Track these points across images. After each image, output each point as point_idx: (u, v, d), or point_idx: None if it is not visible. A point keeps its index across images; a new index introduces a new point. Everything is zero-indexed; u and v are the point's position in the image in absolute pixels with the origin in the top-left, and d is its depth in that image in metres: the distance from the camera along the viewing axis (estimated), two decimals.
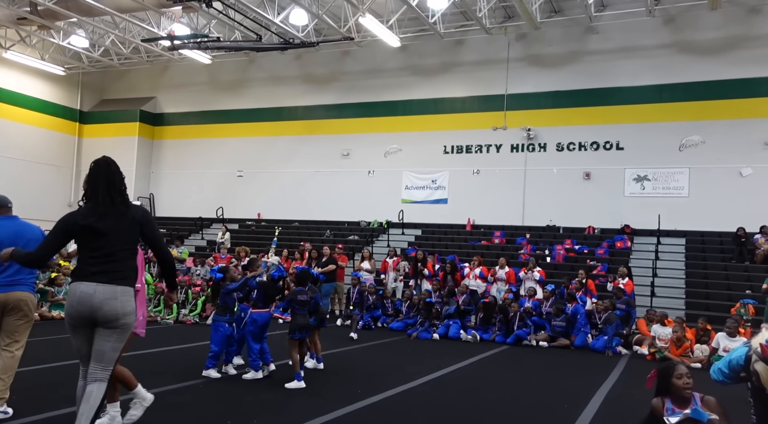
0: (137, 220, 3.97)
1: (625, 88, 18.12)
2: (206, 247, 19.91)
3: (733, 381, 3.53)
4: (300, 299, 6.80)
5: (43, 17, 17.96)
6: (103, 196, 3.80)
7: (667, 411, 3.65)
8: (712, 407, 3.46)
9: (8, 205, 4.96)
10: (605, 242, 16.86)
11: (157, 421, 4.93)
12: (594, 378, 7.89)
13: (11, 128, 22.44)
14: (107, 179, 3.84)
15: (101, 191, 3.80)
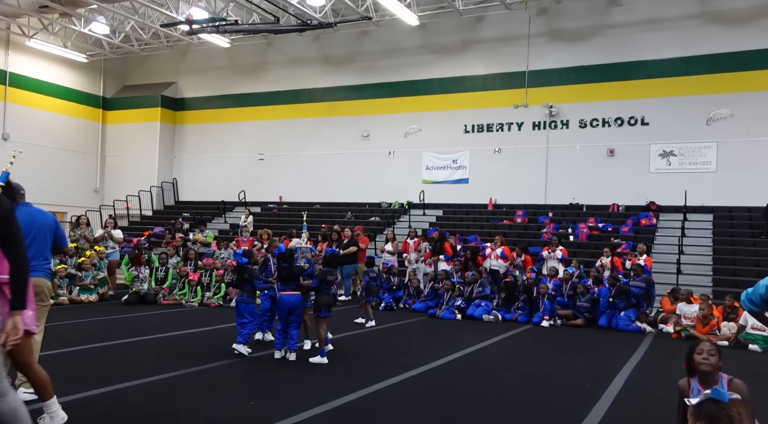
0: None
1: (650, 61, 17.66)
2: (229, 230, 20.13)
3: (760, 309, 3.47)
4: (329, 279, 7.18)
5: (64, 5, 18.13)
6: None
7: (693, 391, 3.58)
8: (739, 390, 3.38)
9: (21, 191, 5.04)
10: (630, 219, 16.60)
11: (183, 402, 5.04)
12: (618, 357, 7.82)
13: (37, 116, 22.84)
14: None
15: None
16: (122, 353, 7.12)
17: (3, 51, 21.92)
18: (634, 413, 5.30)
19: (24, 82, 22.68)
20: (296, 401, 5.12)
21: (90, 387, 5.27)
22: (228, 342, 7.96)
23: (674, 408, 3.67)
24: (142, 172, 24.23)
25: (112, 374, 5.84)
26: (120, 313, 10.56)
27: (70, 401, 4.89)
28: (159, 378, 5.78)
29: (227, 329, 9.15)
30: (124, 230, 17.58)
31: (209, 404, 4.98)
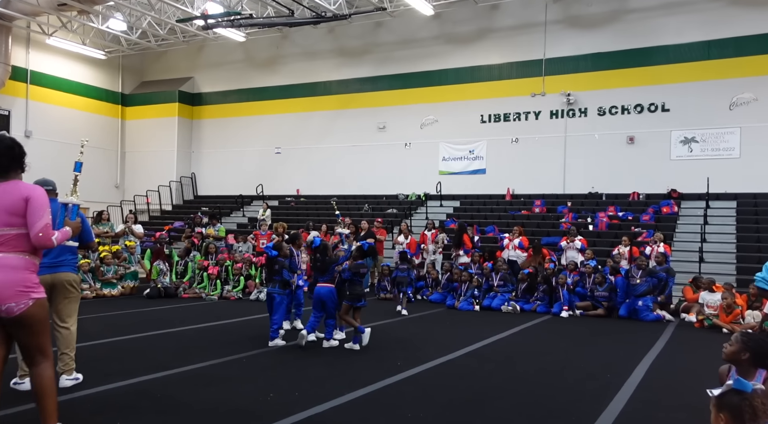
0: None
1: (670, 46, 17.33)
2: (248, 224, 20.28)
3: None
4: (362, 271, 7.44)
5: (82, 2, 18.31)
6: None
7: (729, 379, 3.54)
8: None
9: (49, 186, 5.19)
10: (651, 207, 16.37)
11: (205, 394, 5.10)
12: (638, 347, 7.75)
13: (58, 113, 23.18)
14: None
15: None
16: (145, 346, 7.23)
17: (24, 49, 22.25)
18: (655, 403, 5.24)
19: (45, 80, 23.01)
20: (315, 393, 5.16)
21: (114, 380, 5.37)
22: (247, 335, 8.06)
23: (695, 397, 3.62)
24: (161, 167, 24.49)
25: (135, 366, 5.94)
26: (142, 306, 10.72)
27: (95, 393, 4.98)
28: (180, 370, 5.87)
29: (246, 322, 9.25)
30: (144, 225, 17.83)
31: (229, 396, 5.04)
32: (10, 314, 3.30)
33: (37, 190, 3.45)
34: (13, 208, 3.36)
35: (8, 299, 3.28)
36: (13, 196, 3.38)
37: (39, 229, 3.35)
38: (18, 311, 3.31)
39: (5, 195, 3.39)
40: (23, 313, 3.33)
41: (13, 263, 3.35)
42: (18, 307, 3.31)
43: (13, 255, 3.36)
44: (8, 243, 3.36)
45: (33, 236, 3.36)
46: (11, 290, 3.29)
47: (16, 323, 3.34)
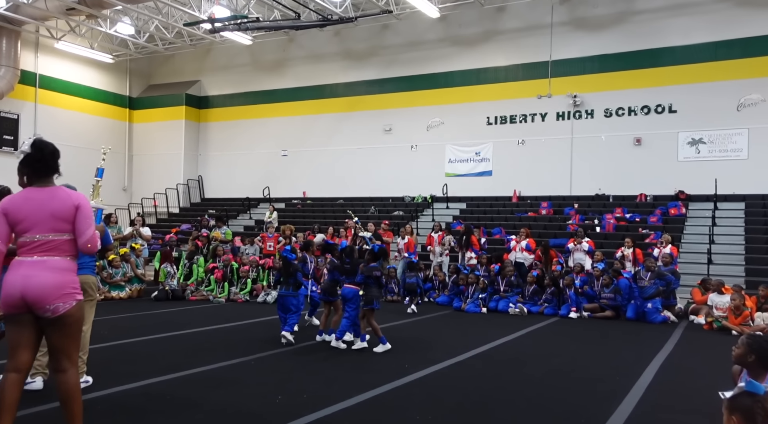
0: None
1: (677, 47, 17.27)
2: (254, 226, 20.33)
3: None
4: (375, 274, 7.54)
5: (91, 6, 18.44)
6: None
7: (740, 380, 3.53)
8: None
9: None
10: (658, 209, 16.30)
11: (213, 396, 5.12)
12: (647, 350, 7.71)
13: (66, 117, 23.32)
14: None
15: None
16: (153, 348, 7.26)
17: (32, 53, 22.41)
18: (665, 406, 5.22)
19: (53, 84, 23.17)
20: (323, 395, 5.16)
21: (123, 382, 5.39)
22: (255, 337, 8.08)
23: (705, 400, 3.61)
24: (169, 170, 24.58)
25: (144, 368, 5.97)
26: (150, 309, 10.76)
27: (105, 395, 5.01)
28: (189, 373, 5.89)
29: (254, 324, 9.28)
30: (152, 228, 17.91)
31: (238, 398, 5.06)
32: (55, 313, 3.42)
33: (83, 198, 3.60)
34: (63, 215, 3.49)
35: (57, 299, 3.42)
36: (65, 203, 3.51)
37: (88, 237, 3.52)
38: (63, 310, 3.44)
39: (55, 201, 3.51)
40: (66, 313, 3.45)
41: (62, 265, 3.49)
42: (64, 307, 3.44)
43: (60, 258, 3.49)
44: (58, 248, 3.49)
45: (82, 244, 3.52)
46: (60, 290, 3.43)
47: (57, 322, 3.45)
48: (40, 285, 3.39)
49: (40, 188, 3.55)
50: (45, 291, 3.39)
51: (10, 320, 3.50)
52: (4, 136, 21.61)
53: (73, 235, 3.52)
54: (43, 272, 3.42)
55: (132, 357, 6.61)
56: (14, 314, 3.45)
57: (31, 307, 3.41)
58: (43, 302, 3.39)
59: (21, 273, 3.42)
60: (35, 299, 3.39)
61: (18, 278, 3.41)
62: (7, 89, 21.06)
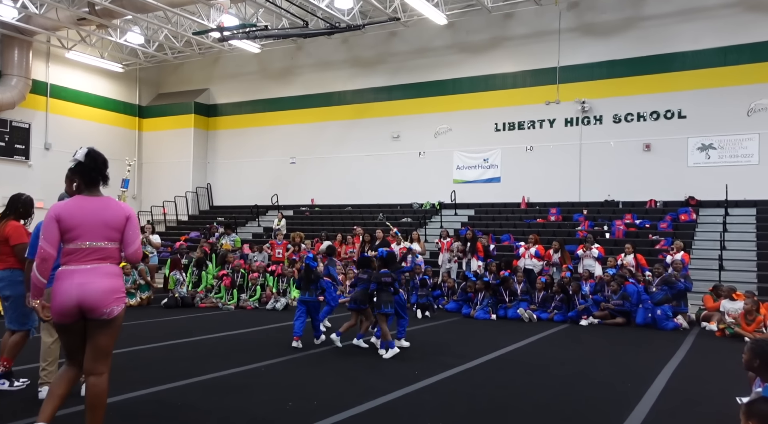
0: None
1: (686, 52, 17.22)
2: (263, 234, 20.38)
3: None
4: (384, 280, 7.72)
5: (101, 16, 18.65)
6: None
7: (755, 386, 3.50)
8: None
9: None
10: (668, 215, 16.20)
11: (224, 403, 5.12)
12: (659, 356, 7.64)
13: (76, 125, 23.54)
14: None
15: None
16: (163, 355, 7.27)
17: (44, 63, 22.68)
18: (678, 412, 5.16)
19: (64, 93, 23.42)
20: (334, 402, 5.15)
21: (134, 388, 5.40)
22: (265, 344, 8.09)
23: (718, 406, 3.58)
24: (178, 177, 24.73)
25: (155, 375, 5.98)
26: (160, 316, 10.79)
27: (117, 402, 5.01)
28: (199, 379, 5.89)
29: (263, 331, 9.28)
30: (161, 235, 17.99)
31: (248, 405, 5.05)
32: (110, 316, 3.59)
33: (132, 210, 3.78)
34: (115, 224, 3.65)
35: (113, 302, 3.59)
36: (116, 213, 3.67)
37: (136, 247, 3.73)
38: (117, 312, 3.63)
39: (107, 211, 3.65)
40: (118, 315, 3.64)
41: (114, 271, 3.68)
42: (118, 309, 3.63)
43: (110, 265, 3.66)
44: (108, 255, 3.65)
45: (130, 253, 3.72)
46: (114, 294, 3.61)
47: (106, 324, 3.59)
48: (97, 291, 3.53)
49: (92, 197, 3.68)
50: (102, 296, 3.54)
51: (63, 328, 3.62)
52: (15, 145, 21.84)
53: (120, 243, 3.69)
54: (98, 279, 3.56)
55: (143, 364, 6.63)
56: (68, 323, 3.57)
57: (87, 313, 3.56)
58: (101, 307, 3.55)
59: (76, 282, 3.52)
60: (93, 305, 3.53)
61: (73, 287, 3.51)
62: (18, 99, 21.32)
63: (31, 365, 5.76)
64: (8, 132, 21.58)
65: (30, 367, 5.74)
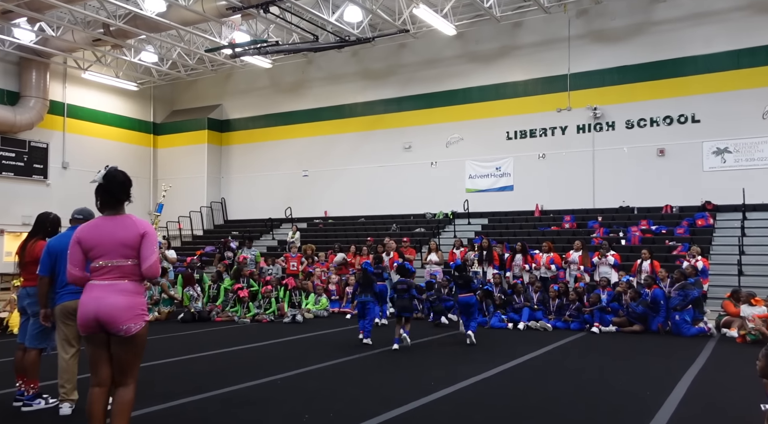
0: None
1: (698, 56, 17.12)
2: (277, 247, 20.47)
3: None
4: (399, 287, 8.93)
5: (116, 37, 18.99)
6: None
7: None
8: None
9: (77, 216, 5.32)
10: (685, 220, 16.03)
11: (242, 415, 5.14)
12: (678, 363, 7.54)
13: (93, 144, 23.91)
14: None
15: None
16: (180, 369, 7.32)
17: (61, 84, 23.11)
18: (698, 421, 5.09)
19: (81, 113, 23.83)
20: (350, 413, 5.15)
21: (152, 403, 5.44)
22: (281, 357, 8.11)
23: (740, 413, 3.52)
24: (193, 193, 24.96)
25: (172, 389, 6.02)
26: (176, 331, 10.86)
27: (137, 416, 5.04)
28: (216, 393, 5.92)
29: (279, 344, 9.30)
30: (177, 250, 18.16)
31: (265, 418, 5.07)
32: (128, 334, 3.68)
33: (149, 227, 3.85)
34: (130, 242, 3.74)
35: (129, 320, 3.68)
36: (131, 231, 3.76)
37: (151, 263, 3.76)
38: (135, 330, 3.70)
39: (124, 230, 3.76)
40: (137, 333, 3.71)
41: (131, 288, 3.74)
42: (135, 327, 3.70)
43: (128, 282, 3.74)
44: (126, 272, 3.74)
45: (145, 269, 3.76)
46: (132, 312, 3.70)
47: (128, 341, 3.70)
48: (111, 307, 3.65)
49: (110, 217, 3.82)
50: (116, 312, 3.65)
51: (87, 339, 3.78)
52: (34, 164, 22.22)
53: (138, 260, 3.76)
54: (113, 295, 3.68)
55: (162, 378, 6.67)
56: (90, 334, 3.72)
57: (105, 326, 3.67)
58: (116, 323, 3.65)
59: (93, 295, 3.70)
60: (107, 320, 3.65)
61: (91, 301, 3.69)
62: (36, 119, 21.73)
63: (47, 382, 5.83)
64: (27, 152, 21.98)
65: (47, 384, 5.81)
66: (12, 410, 5.28)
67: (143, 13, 16.94)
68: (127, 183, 3.90)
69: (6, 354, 7.88)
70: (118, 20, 17.78)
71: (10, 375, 5.67)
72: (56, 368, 5.17)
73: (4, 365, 7.20)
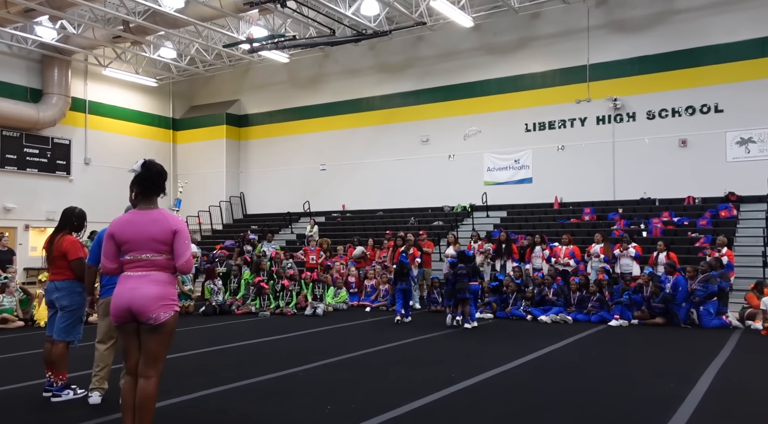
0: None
1: (721, 45, 16.80)
2: (296, 241, 20.60)
3: None
4: (460, 272, 10.29)
5: (135, 33, 19.19)
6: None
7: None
8: None
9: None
10: (708, 211, 15.79)
11: (264, 408, 5.21)
12: (702, 355, 7.46)
13: (114, 140, 24.24)
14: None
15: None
16: (203, 362, 7.42)
17: (82, 81, 23.44)
18: (722, 414, 5.03)
19: (102, 109, 24.15)
20: (370, 405, 5.18)
21: (174, 395, 5.53)
22: (302, 349, 8.19)
23: (765, 407, 3.49)
24: (212, 187, 25.19)
25: (196, 382, 6.11)
26: (198, 324, 11.01)
27: (159, 408, 5.14)
28: (237, 385, 6.00)
29: (300, 337, 9.38)
30: (197, 245, 18.36)
31: (287, 409, 5.12)
32: (156, 322, 3.77)
33: (182, 223, 3.92)
34: (162, 238, 3.83)
35: (158, 308, 3.77)
36: (163, 227, 3.84)
37: (185, 260, 3.87)
38: (163, 319, 3.79)
39: (155, 225, 3.84)
40: (165, 321, 3.80)
41: (163, 278, 3.84)
42: (164, 316, 3.79)
43: (160, 273, 3.85)
44: (158, 265, 3.84)
45: (180, 266, 3.88)
46: (161, 301, 3.78)
47: (156, 329, 3.79)
48: (143, 296, 3.75)
49: (143, 211, 3.90)
50: (148, 301, 3.75)
51: (119, 329, 3.91)
52: (57, 161, 22.60)
53: (171, 255, 3.86)
54: (146, 285, 3.78)
55: (184, 371, 6.77)
56: (122, 323, 3.84)
57: (136, 316, 3.78)
58: (147, 311, 3.75)
59: (128, 286, 3.80)
60: (139, 309, 3.75)
61: (126, 291, 3.80)
62: (59, 116, 22.08)
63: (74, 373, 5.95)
64: (50, 149, 22.36)
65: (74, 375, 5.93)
66: (42, 401, 5.41)
67: (162, 9, 17.09)
68: (163, 174, 3.98)
69: (35, 346, 8.07)
70: (137, 17, 17.95)
71: (40, 366, 5.80)
72: (83, 360, 5.29)
73: (34, 357, 7.38)
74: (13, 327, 10.53)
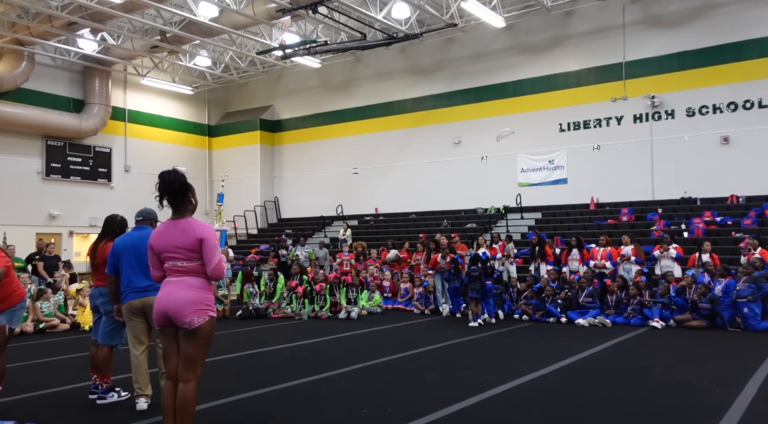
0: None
1: (763, 39, 16.24)
2: (329, 244, 20.73)
3: None
4: (473, 274, 11.00)
5: (171, 43, 19.68)
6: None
7: None
8: None
9: (140, 217, 5.53)
10: (752, 211, 15.26)
11: (301, 411, 5.25)
12: (749, 359, 7.21)
13: (152, 147, 24.85)
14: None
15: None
16: (241, 365, 7.53)
17: (122, 91, 24.12)
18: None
19: (140, 118, 24.81)
20: (407, 410, 5.17)
21: (213, 398, 5.62)
22: (338, 353, 8.23)
23: None
24: (247, 192, 25.57)
25: (234, 385, 6.21)
26: (234, 328, 11.17)
27: (198, 411, 5.23)
28: (275, 388, 6.06)
29: (336, 340, 9.43)
30: (233, 249, 18.65)
31: (324, 413, 5.15)
32: (191, 326, 3.88)
33: (209, 230, 4.00)
34: (190, 246, 3.95)
35: (192, 313, 3.88)
36: (189, 236, 3.94)
37: (213, 266, 3.95)
38: (198, 323, 3.89)
39: (183, 235, 3.96)
40: (200, 326, 3.90)
41: (196, 283, 3.95)
42: (199, 320, 3.89)
43: (193, 278, 3.96)
44: (192, 270, 3.97)
45: (210, 272, 3.96)
46: (194, 306, 3.89)
47: (191, 334, 3.90)
48: (177, 301, 3.88)
49: (173, 221, 4.04)
50: (181, 306, 3.87)
51: (160, 332, 4.06)
52: (99, 169, 23.29)
53: (202, 261, 3.95)
54: (180, 290, 3.91)
55: (221, 374, 6.88)
56: (162, 327, 3.99)
57: (173, 320, 3.91)
58: (181, 316, 3.87)
59: (165, 291, 3.96)
60: (174, 313, 3.89)
61: (163, 296, 3.96)
62: (100, 125, 22.77)
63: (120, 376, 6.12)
64: (92, 157, 23.06)
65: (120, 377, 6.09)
66: (88, 403, 5.58)
67: (197, 19, 17.47)
68: (174, 184, 3.97)
69: (80, 350, 8.32)
70: (173, 27, 18.40)
71: (87, 369, 5.98)
72: (127, 364, 5.42)
73: (80, 360, 7.62)
74: (60, 330, 10.91)
